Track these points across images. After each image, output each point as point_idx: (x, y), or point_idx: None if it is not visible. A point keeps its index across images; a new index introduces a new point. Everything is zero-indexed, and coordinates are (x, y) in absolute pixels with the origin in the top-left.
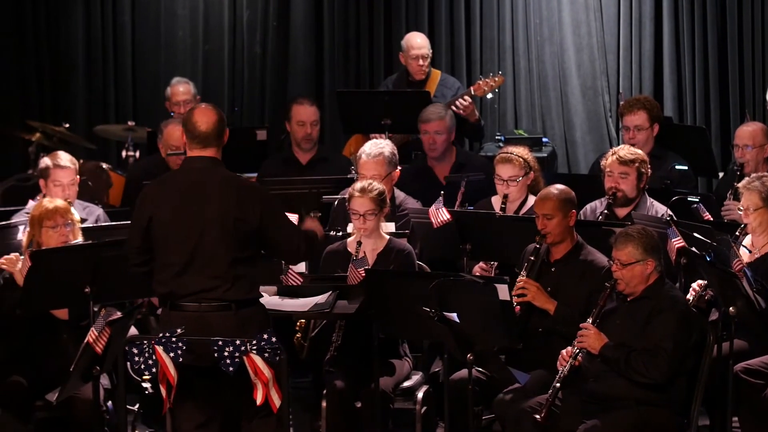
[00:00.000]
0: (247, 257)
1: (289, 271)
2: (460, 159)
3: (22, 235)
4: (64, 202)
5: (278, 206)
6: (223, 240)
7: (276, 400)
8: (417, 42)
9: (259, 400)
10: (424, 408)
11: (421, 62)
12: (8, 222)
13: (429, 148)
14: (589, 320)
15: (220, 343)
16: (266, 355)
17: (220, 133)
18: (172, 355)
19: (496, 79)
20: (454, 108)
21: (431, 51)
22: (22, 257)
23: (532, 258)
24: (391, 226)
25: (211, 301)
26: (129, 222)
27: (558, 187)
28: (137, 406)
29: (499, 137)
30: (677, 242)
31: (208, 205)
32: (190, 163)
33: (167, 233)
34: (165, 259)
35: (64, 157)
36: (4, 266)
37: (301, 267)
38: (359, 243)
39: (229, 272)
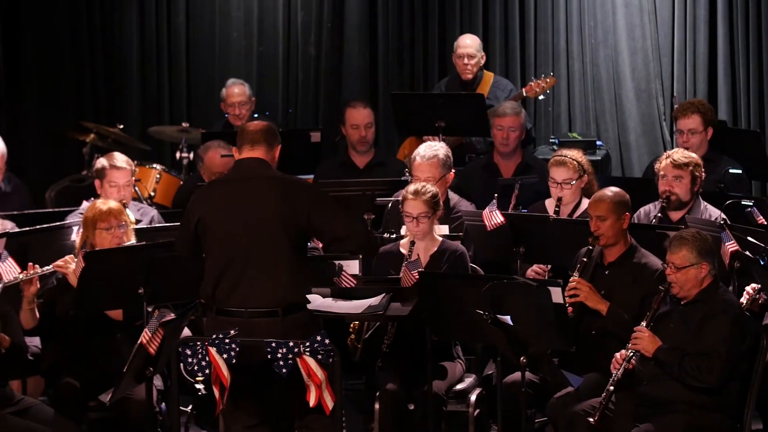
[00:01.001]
0: (296, 260)
1: (343, 272)
2: (527, 159)
3: (75, 236)
4: (118, 203)
5: (326, 196)
6: (271, 242)
7: (329, 402)
8: (463, 42)
9: (312, 401)
10: (477, 411)
11: (466, 61)
12: (62, 223)
13: (502, 143)
14: (643, 323)
15: (274, 344)
16: (319, 356)
17: (268, 134)
18: (225, 356)
19: (548, 80)
20: None
21: (482, 53)
22: (76, 259)
23: (585, 260)
24: (444, 229)
25: (258, 306)
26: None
27: (612, 190)
28: (190, 407)
29: (553, 140)
30: (731, 246)
31: (256, 207)
32: (238, 165)
33: (213, 235)
34: (212, 262)
35: (120, 158)
36: (59, 268)
37: (355, 269)
38: (412, 244)
39: (276, 276)
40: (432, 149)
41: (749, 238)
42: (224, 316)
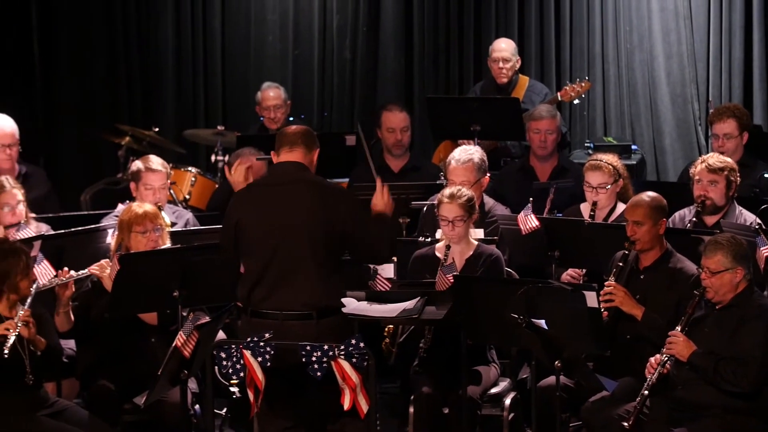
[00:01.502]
0: (331, 264)
1: (378, 276)
2: (563, 162)
3: (111, 238)
4: (153, 206)
5: (363, 207)
6: (308, 245)
7: (363, 406)
8: (499, 46)
9: (346, 405)
10: (512, 415)
11: (501, 65)
12: (97, 226)
13: (539, 146)
14: (678, 328)
15: (309, 347)
16: (354, 360)
17: (306, 137)
18: (259, 359)
19: (583, 84)
20: None
21: (517, 57)
22: (112, 262)
23: (621, 264)
24: (479, 233)
25: (293, 309)
26: (217, 226)
27: (650, 195)
28: (225, 410)
29: (588, 144)
30: (766, 250)
31: (293, 210)
32: (276, 168)
33: (251, 238)
34: (249, 264)
35: (156, 161)
36: (94, 272)
37: (390, 272)
38: (448, 248)
39: (311, 280)
40: (467, 153)
41: None
42: (259, 319)
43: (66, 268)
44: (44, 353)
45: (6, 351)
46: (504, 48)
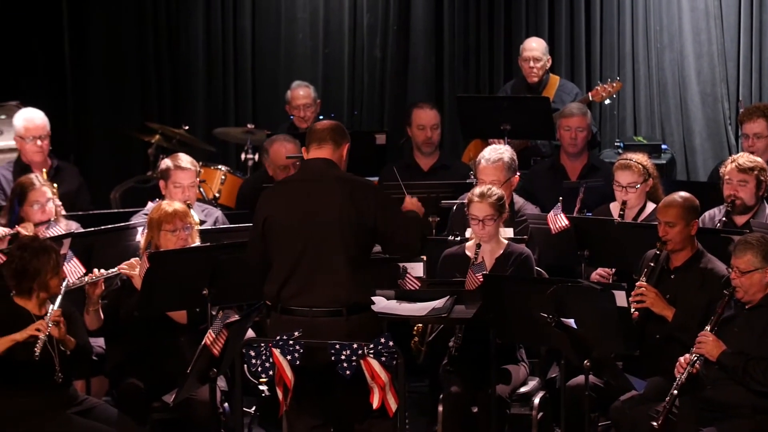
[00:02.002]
0: (361, 261)
1: (407, 275)
2: (593, 161)
3: (140, 236)
4: (183, 205)
5: (393, 202)
6: (337, 242)
7: (392, 404)
8: (530, 45)
9: (375, 403)
10: (541, 414)
11: (531, 64)
12: (127, 224)
13: (570, 143)
14: (707, 327)
15: (338, 346)
16: (383, 358)
17: (335, 132)
18: (288, 357)
19: (614, 84)
20: None
21: (548, 57)
22: (141, 261)
23: (652, 264)
24: (509, 232)
25: (322, 306)
26: (247, 225)
27: (682, 195)
28: (253, 408)
29: (618, 144)
30: None
31: (322, 208)
32: (305, 165)
33: (280, 235)
34: (277, 262)
35: (185, 159)
36: (123, 271)
37: (419, 271)
38: (478, 247)
39: (341, 276)
40: (497, 152)
41: None
42: (288, 316)
43: (96, 269)
44: (74, 352)
45: (37, 352)
46: (535, 47)
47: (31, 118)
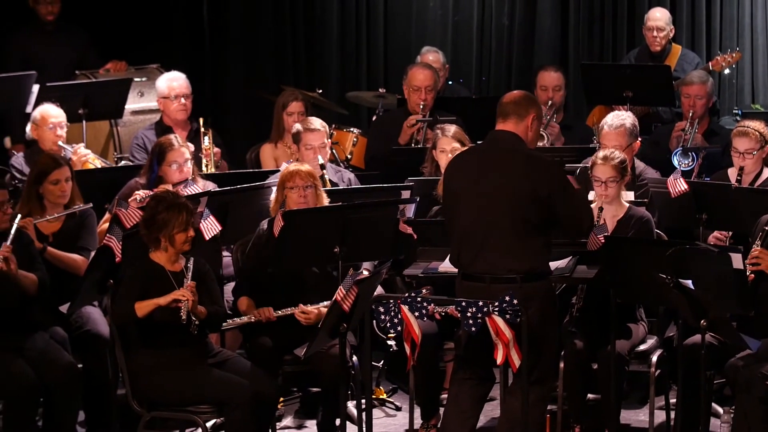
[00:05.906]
0: (536, 230)
1: None
2: (713, 126)
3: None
4: (307, 165)
5: (566, 178)
6: (512, 211)
7: (516, 360)
8: (654, 15)
9: (499, 359)
10: (658, 371)
11: (655, 33)
12: (261, 183)
13: (688, 110)
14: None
15: (464, 303)
16: (507, 316)
17: (517, 104)
18: (416, 314)
19: (734, 55)
20: None
21: (671, 27)
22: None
23: (767, 228)
24: (630, 195)
25: (498, 273)
26: (376, 185)
27: None
28: (381, 362)
29: (736, 111)
30: None
31: (500, 176)
32: (490, 136)
33: (459, 203)
34: (457, 228)
35: (315, 121)
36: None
37: None
38: (601, 210)
39: (515, 244)
40: (619, 118)
41: None
42: (468, 281)
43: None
44: (204, 321)
45: (183, 317)
46: (659, 17)
47: (174, 77)
